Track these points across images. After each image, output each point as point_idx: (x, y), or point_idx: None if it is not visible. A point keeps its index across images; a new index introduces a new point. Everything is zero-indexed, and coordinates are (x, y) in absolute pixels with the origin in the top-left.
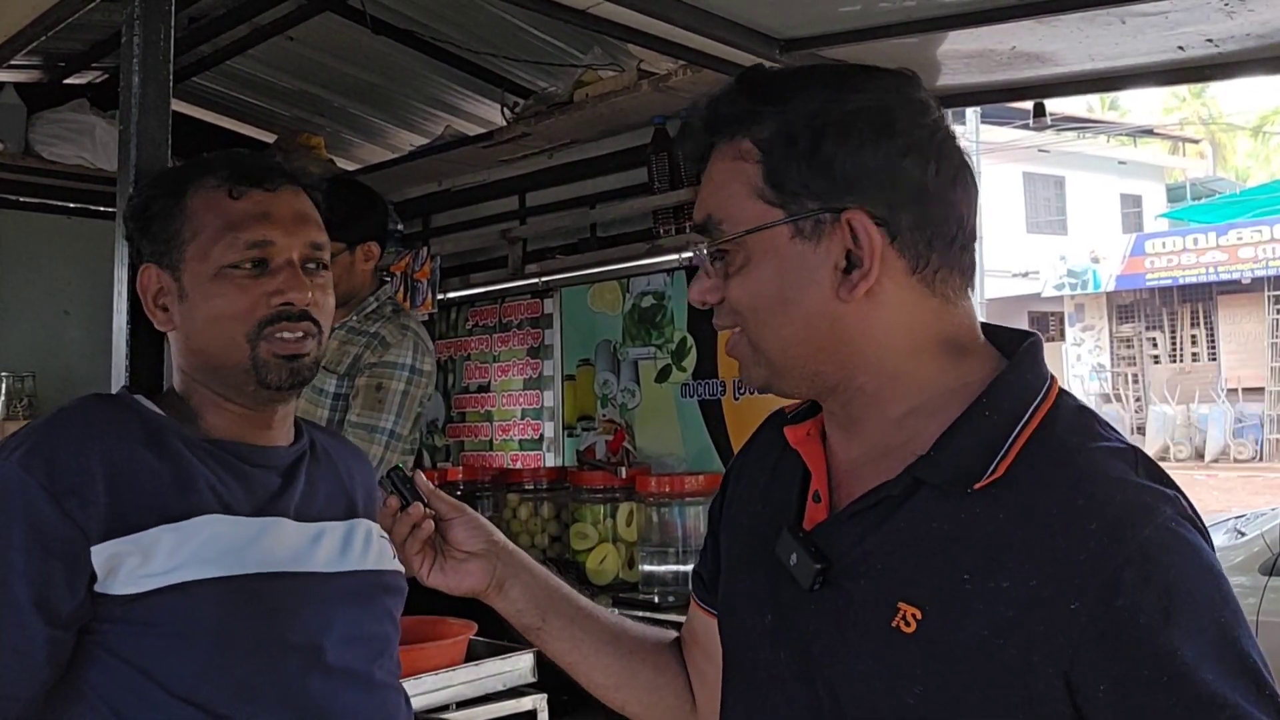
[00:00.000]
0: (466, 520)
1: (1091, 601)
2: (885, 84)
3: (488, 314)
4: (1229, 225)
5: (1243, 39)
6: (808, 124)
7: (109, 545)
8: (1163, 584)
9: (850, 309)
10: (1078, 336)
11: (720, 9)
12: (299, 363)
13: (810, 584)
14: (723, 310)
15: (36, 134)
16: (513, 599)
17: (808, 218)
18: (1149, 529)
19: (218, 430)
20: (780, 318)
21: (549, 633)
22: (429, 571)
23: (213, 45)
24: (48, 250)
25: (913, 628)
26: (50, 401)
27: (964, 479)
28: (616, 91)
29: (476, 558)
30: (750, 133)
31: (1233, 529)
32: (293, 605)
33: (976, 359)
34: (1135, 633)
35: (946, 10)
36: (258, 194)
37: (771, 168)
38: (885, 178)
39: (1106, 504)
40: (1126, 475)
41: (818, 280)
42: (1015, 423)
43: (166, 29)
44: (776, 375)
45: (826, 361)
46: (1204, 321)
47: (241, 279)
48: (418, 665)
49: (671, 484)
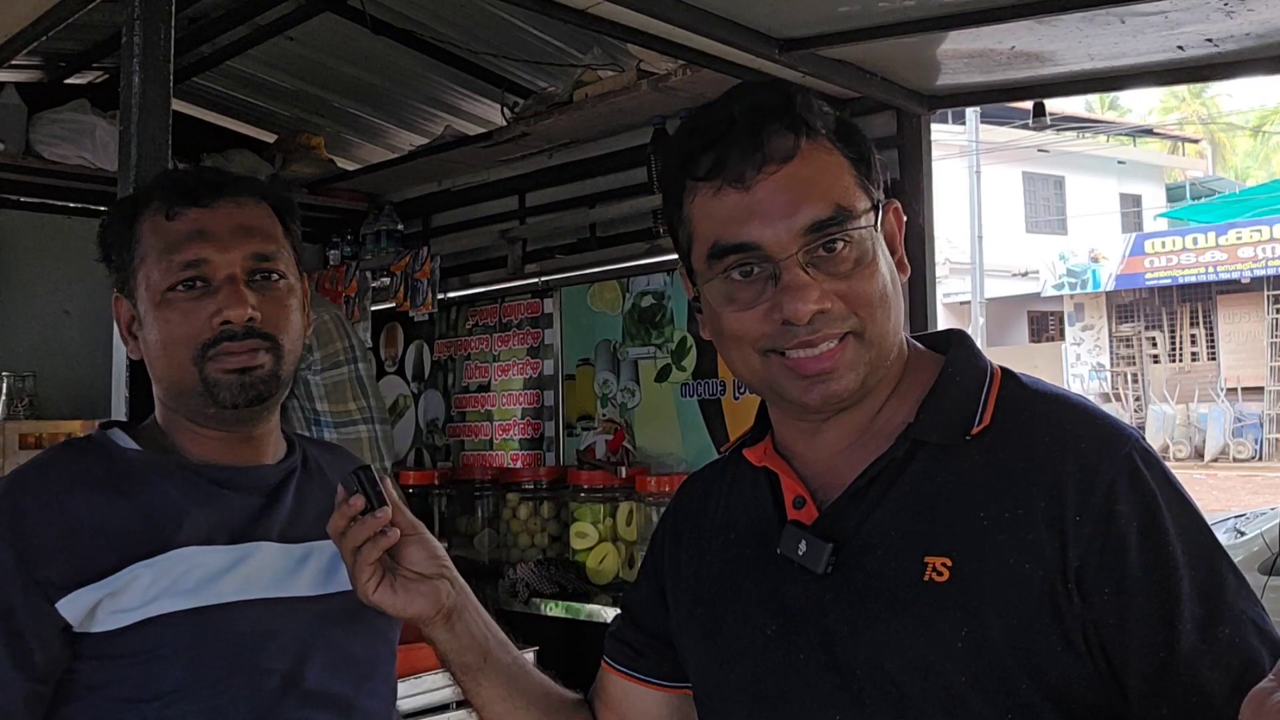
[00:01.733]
0: (423, 540)
1: (1094, 512)
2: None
3: (488, 314)
4: (1228, 225)
5: (1242, 39)
6: (846, 127)
7: (79, 594)
8: (1151, 490)
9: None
10: (1077, 336)
11: (719, 9)
12: (252, 376)
13: (825, 566)
14: (829, 317)
15: (37, 134)
16: (458, 633)
17: (883, 208)
18: (1129, 447)
19: (197, 456)
20: (895, 304)
21: (486, 676)
22: (375, 587)
23: (213, 45)
24: (48, 250)
25: (945, 576)
26: (50, 401)
27: (958, 431)
28: (616, 91)
29: (428, 580)
30: (827, 133)
31: (1232, 529)
32: (268, 631)
33: (915, 352)
34: (1133, 537)
35: (946, 10)
36: (194, 212)
37: (859, 163)
38: (881, 174)
39: (1090, 429)
40: (1093, 409)
41: (893, 267)
42: (982, 383)
43: (166, 29)
44: (872, 370)
45: (898, 345)
46: (1203, 321)
47: (183, 302)
48: (417, 665)
49: (671, 484)
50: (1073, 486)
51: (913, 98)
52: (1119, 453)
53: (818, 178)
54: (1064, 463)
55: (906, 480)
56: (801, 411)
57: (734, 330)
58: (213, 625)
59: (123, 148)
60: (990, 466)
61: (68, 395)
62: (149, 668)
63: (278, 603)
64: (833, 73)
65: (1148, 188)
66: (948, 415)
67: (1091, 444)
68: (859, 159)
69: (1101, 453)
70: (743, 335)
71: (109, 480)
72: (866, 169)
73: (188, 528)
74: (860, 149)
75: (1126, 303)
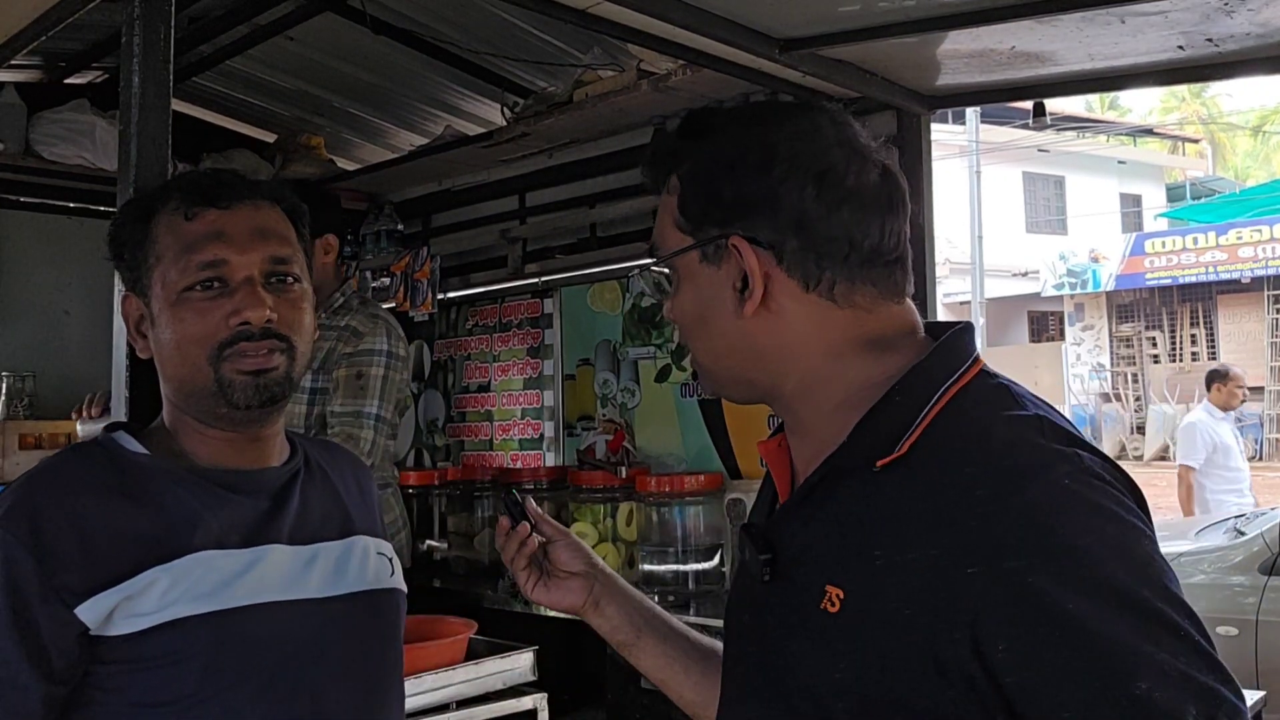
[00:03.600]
0: (569, 543)
1: (985, 565)
2: (788, 119)
3: (488, 314)
4: (1228, 225)
5: (1243, 39)
6: (711, 159)
7: (98, 599)
8: (1051, 544)
9: (756, 324)
10: (1077, 336)
11: (720, 9)
12: (266, 378)
13: (761, 575)
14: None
15: (37, 134)
16: (609, 616)
17: (708, 244)
18: (1035, 489)
19: (204, 459)
20: (704, 333)
21: (642, 649)
22: (533, 587)
23: (213, 45)
24: (48, 250)
25: (837, 607)
26: (50, 401)
27: (871, 459)
28: (616, 91)
29: (577, 577)
30: (677, 168)
31: (1232, 529)
32: (282, 634)
33: (901, 353)
34: (1027, 593)
35: (946, 10)
36: (212, 213)
37: (683, 199)
38: (766, 206)
39: (996, 469)
40: (1023, 439)
41: (722, 299)
42: (924, 404)
43: (166, 29)
44: (716, 384)
45: (752, 370)
46: (1204, 321)
47: (200, 302)
48: (418, 664)
49: (671, 484)
50: (967, 534)
51: (913, 98)
52: (1020, 497)
53: (657, 214)
54: (961, 508)
55: (831, 503)
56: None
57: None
58: (230, 629)
59: (122, 148)
60: (896, 501)
61: (68, 395)
62: (166, 672)
63: (290, 605)
64: (833, 73)
65: (1148, 188)
66: (871, 440)
67: (992, 488)
68: (682, 201)
69: (1000, 497)
70: None
71: (120, 485)
72: (702, 205)
73: (202, 531)
74: (686, 188)
75: (1127, 303)
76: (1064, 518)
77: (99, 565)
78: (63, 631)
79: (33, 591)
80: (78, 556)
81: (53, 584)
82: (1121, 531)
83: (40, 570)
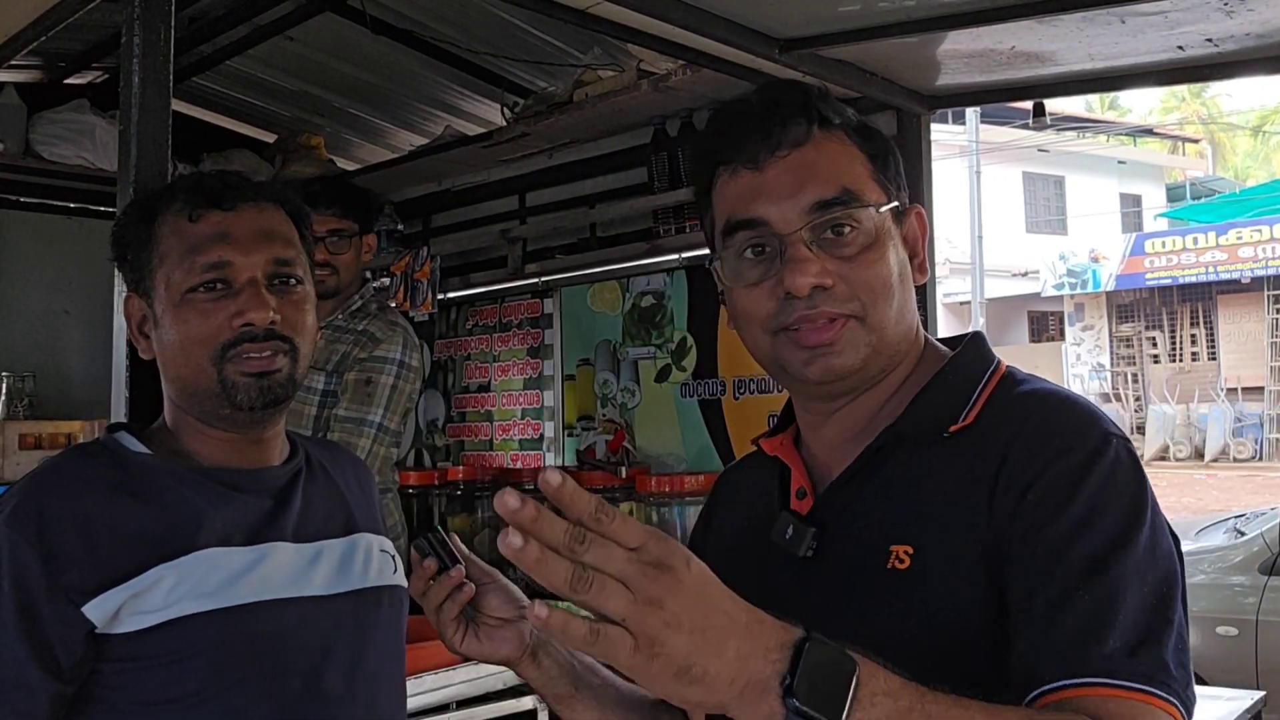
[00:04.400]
0: (499, 586)
1: (1035, 461)
2: None
3: (488, 314)
4: (1228, 225)
5: (1242, 39)
6: (867, 127)
7: (105, 597)
8: (1110, 475)
9: (912, 293)
10: (1077, 336)
11: (719, 9)
12: (269, 380)
13: (805, 550)
14: (830, 295)
15: (37, 134)
16: (545, 668)
17: (904, 208)
18: (1101, 436)
19: (207, 458)
20: (900, 295)
21: (581, 702)
22: (462, 639)
23: (213, 45)
24: (48, 250)
25: (906, 564)
26: (50, 401)
27: (939, 427)
28: (616, 91)
29: (510, 624)
30: (844, 128)
31: (1233, 529)
32: (287, 632)
33: (931, 351)
34: (1071, 467)
35: (946, 10)
36: (216, 215)
37: (875, 159)
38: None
39: (1063, 417)
40: (1075, 401)
41: (904, 262)
42: (977, 382)
43: (166, 29)
44: (874, 354)
45: (904, 339)
46: (1204, 321)
47: (203, 303)
48: (418, 665)
49: (671, 484)
50: (1021, 448)
51: (913, 98)
52: (1089, 433)
53: (826, 163)
54: (1020, 453)
55: (886, 470)
56: (806, 392)
57: (744, 308)
58: (235, 626)
59: (122, 148)
60: (960, 462)
61: (68, 395)
62: (171, 669)
63: (294, 602)
64: (833, 73)
65: (1148, 188)
66: (932, 411)
67: (1059, 425)
68: (875, 155)
69: (1070, 432)
70: (752, 313)
71: (124, 484)
72: (883, 166)
73: (206, 530)
74: (878, 147)
75: (1127, 303)
76: (1123, 468)
77: (105, 564)
78: (69, 630)
79: (39, 591)
80: (84, 555)
81: (59, 583)
82: (1145, 486)
83: (47, 570)
